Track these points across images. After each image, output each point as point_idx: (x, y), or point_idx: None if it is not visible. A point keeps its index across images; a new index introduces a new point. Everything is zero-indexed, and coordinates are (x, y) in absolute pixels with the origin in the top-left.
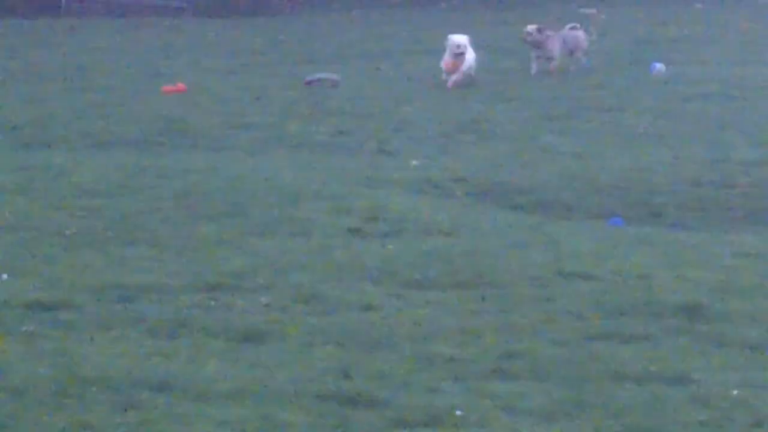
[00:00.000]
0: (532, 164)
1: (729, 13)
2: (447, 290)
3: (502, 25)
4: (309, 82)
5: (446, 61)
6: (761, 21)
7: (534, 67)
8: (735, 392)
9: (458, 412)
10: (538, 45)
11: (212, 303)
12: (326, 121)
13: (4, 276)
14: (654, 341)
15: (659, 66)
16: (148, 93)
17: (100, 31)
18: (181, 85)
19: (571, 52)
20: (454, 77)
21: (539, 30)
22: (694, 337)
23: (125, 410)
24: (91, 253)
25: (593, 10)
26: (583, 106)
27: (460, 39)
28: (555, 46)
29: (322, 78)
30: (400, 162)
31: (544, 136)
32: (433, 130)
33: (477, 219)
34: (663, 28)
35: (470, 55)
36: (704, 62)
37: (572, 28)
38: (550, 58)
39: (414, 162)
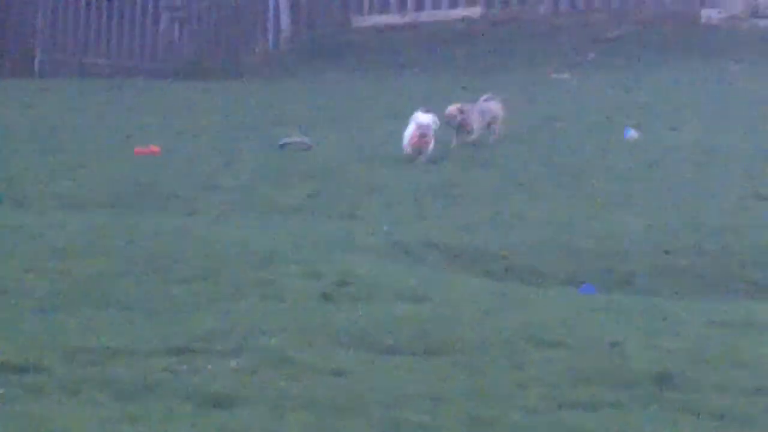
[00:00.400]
0: (502, 230)
1: (700, 79)
2: (417, 356)
3: (474, 90)
4: (283, 145)
5: (413, 136)
6: (732, 88)
7: (454, 140)
8: None
9: None
10: (461, 125)
11: (182, 367)
12: (298, 185)
13: None
14: (624, 409)
15: (632, 132)
16: (119, 155)
17: (72, 92)
18: (153, 147)
19: (489, 124)
20: (422, 156)
21: (460, 110)
22: (663, 406)
23: None
24: (60, 316)
25: (566, 75)
26: (554, 171)
27: (424, 120)
28: (474, 120)
29: (291, 142)
30: (372, 226)
31: (515, 201)
32: (405, 194)
33: (448, 284)
34: (634, 93)
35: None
36: (676, 128)
37: (487, 100)
38: (469, 132)
39: (385, 227)
